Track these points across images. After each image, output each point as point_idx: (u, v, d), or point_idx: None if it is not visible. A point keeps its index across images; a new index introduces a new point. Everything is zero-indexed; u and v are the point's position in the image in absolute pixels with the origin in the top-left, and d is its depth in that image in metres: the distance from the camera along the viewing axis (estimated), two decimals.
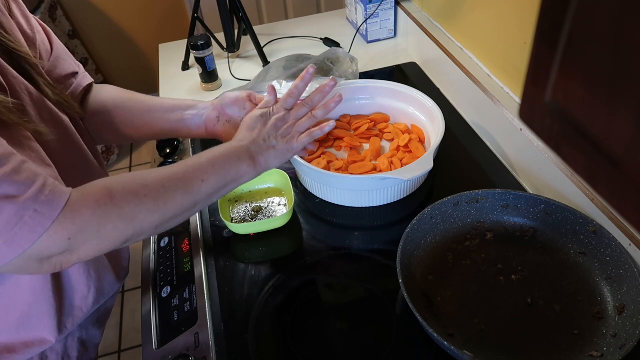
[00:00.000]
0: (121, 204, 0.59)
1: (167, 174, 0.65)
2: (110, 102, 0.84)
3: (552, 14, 0.31)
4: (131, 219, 0.60)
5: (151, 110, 0.85)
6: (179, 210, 0.65)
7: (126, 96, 0.86)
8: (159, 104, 0.86)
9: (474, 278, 0.77)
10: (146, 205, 0.61)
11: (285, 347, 0.73)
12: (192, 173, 0.67)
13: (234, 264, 0.85)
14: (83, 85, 0.80)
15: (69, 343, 0.80)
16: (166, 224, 0.65)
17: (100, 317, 0.87)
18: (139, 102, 0.85)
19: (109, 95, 0.85)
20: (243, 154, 0.73)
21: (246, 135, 0.76)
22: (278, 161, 0.77)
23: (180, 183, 0.65)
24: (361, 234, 0.90)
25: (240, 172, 0.72)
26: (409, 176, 0.82)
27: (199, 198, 0.67)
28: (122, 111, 0.84)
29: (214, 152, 0.71)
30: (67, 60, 0.78)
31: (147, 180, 0.63)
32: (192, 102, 0.86)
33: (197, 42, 1.23)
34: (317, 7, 2.38)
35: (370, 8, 1.36)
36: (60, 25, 2.28)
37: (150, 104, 0.86)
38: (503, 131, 1.00)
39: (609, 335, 0.67)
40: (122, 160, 2.59)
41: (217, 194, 0.70)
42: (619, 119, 0.28)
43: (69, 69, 0.78)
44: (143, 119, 0.85)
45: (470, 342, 0.69)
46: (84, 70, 0.82)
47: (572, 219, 0.78)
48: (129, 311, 1.91)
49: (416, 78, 1.26)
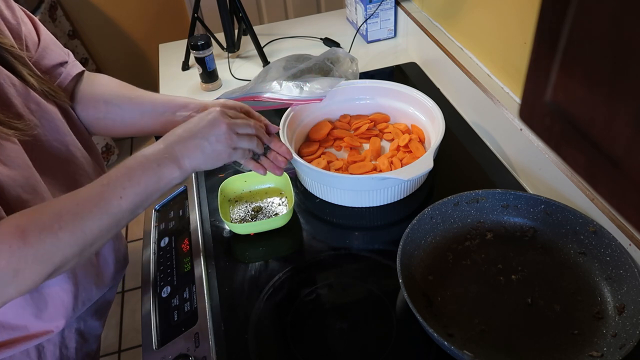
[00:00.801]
0: (36, 245, 0.55)
1: (82, 198, 0.61)
2: (101, 97, 0.83)
3: (552, 14, 0.31)
4: (49, 258, 0.56)
5: (142, 110, 0.83)
6: (101, 233, 0.61)
7: (119, 92, 0.85)
8: (151, 103, 0.84)
9: (474, 278, 0.77)
10: (63, 239, 0.57)
11: (285, 347, 0.73)
12: (109, 192, 0.62)
13: (234, 264, 0.85)
14: (73, 75, 0.80)
15: (67, 334, 0.80)
16: (91, 249, 0.62)
17: (99, 309, 0.86)
18: (130, 100, 0.84)
19: (101, 89, 0.84)
20: (163, 159, 0.66)
21: (176, 132, 0.69)
22: (207, 163, 0.70)
23: (96, 206, 0.60)
24: (361, 234, 0.90)
25: (163, 179, 0.65)
26: (409, 176, 0.82)
27: (121, 216, 0.63)
28: (113, 107, 0.83)
29: (132, 162, 0.65)
30: (55, 49, 0.78)
31: (61, 210, 0.59)
32: (184, 101, 0.83)
33: (197, 42, 1.23)
34: (317, 7, 2.37)
35: (370, 8, 1.36)
36: (60, 25, 2.28)
37: (142, 102, 0.84)
38: (503, 131, 1.00)
39: (609, 335, 0.67)
40: (122, 160, 2.59)
41: (140, 207, 0.65)
42: (619, 119, 0.28)
43: (58, 58, 0.78)
44: (133, 118, 0.83)
45: (470, 342, 0.69)
46: (74, 59, 0.82)
47: (572, 219, 0.78)
48: (129, 311, 1.91)
49: (416, 78, 1.26)
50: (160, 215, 0.97)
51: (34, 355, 0.75)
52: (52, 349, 0.77)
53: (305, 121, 1.05)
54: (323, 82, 1.05)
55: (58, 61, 0.78)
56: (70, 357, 0.81)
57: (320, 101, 1.03)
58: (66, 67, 0.79)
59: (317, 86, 1.04)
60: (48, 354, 0.77)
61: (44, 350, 0.76)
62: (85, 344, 0.84)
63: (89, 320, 0.84)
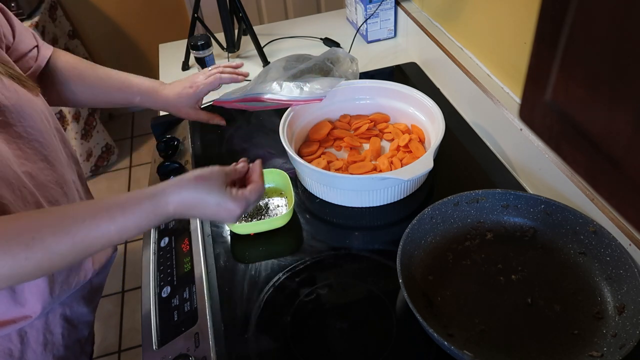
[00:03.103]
0: None
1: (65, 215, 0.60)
2: (65, 73, 0.89)
3: (552, 14, 0.31)
4: None
5: (106, 91, 0.92)
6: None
7: (82, 68, 0.91)
8: (114, 85, 0.92)
9: (474, 278, 0.77)
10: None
11: (285, 347, 0.73)
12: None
13: (234, 264, 0.85)
14: (47, 57, 0.84)
15: (51, 319, 0.79)
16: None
17: (86, 295, 0.86)
18: (94, 80, 0.91)
19: (66, 65, 0.89)
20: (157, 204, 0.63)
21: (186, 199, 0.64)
22: None
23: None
24: (361, 234, 0.90)
25: None
26: (409, 176, 0.82)
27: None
28: (76, 85, 0.90)
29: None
30: (27, 34, 0.82)
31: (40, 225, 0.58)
32: (148, 89, 0.94)
33: (197, 42, 1.23)
34: (317, 7, 2.37)
35: (370, 8, 1.36)
36: (60, 25, 2.28)
37: (103, 82, 0.92)
38: (503, 131, 1.00)
39: (609, 335, 0.67)
40: (122, 160, 2.58)
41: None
42: (619, 119, 0.28)
43: (31, 43, 0.82)
44: (97, 98, 0.93)
45: (470, 342, 0.69)
46: (42, 41, 0.86)
47: (572, 219, 0.78)
48: (129, 311, 1.91)
49: (416, 78, 1.26)
50: None
51: (16, 340, 0.75)
52: (35, 334, 0.77)
53: (305, 121, 1.05)
54: (323, 82, 1.05)
55: (31, 46, 0.82)
56: (57, 343, 0.81)
57: (320, 101, 1.03)
58: (40, 50, 0.84)
59: (317, 86, 1.04)
60: (31, 339, 0.77)
61: (27, 336, 0.76)
62: (74, 330, 0.84)
63: (75, 306, 0.83)
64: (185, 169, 1.03)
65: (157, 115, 1.21)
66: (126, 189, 2.42)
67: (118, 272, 2.00)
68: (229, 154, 1.09)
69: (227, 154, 1.09)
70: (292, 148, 0.93)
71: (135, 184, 2.45)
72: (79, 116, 2.26)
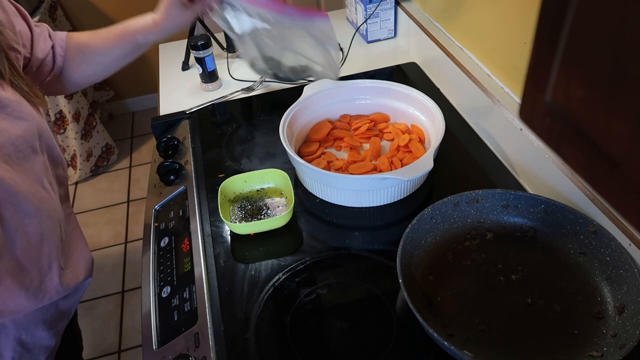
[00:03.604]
0: None
1: None
2: (77, 57, 0.89)
3: (552, 14, 0.31)
4: None
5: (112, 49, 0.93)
6: None
7: (85, 42, 0.91)
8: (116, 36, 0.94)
9: (474, 278, 0.77)
10: None
11: (285, 347, 0.73)
12: None
13: (234, 264, 0.85)
14: (63, 56, 0.85)
15: (3, 341, 0.75)
16: None
17: (49, 319, 0.80)
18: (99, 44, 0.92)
19: (74, 49, 0.89)
20: None
21: None
22: None
23: None
24: (361, 234, 0.90)
25: None
26: (409, 176, 0.82)
27: None
28: (88, 63, 0.91)
29: None
30: (43, 36, 0.82)
31: None
32: (144, 26, 0.96)
33: (197, 42, 1.23)
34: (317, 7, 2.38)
35: (370, 8, 1.36)
36: (60, 25, 2.28)
37: (106, 42, 0.92)
38: (503, 131, 1.00)
39: (609, 335, 0.67)
40: (122, 160, 2.58)
41: None
42: (619, 119, 0.28)
43: (47, 45, 0.83)
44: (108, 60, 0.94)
45: (470, 342, 0.69)
46: (54, 33, 0.86)
47: (572, 219, 0.78)
48: (129, 311, 1.91)
49: (416, 78, 1.26)
50: (160, 215, 0.97)
51: None
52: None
53: (305, 121, 1.05)
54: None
55: (48, 48, 0.82)
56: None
57: (325, 17, 0.92)
58: (56, 50, 0.84)
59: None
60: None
61: None
62: (27, 355, 0.79)
63: (33, 329, 0.78)
64: (185, 168, 1.03)
65: (157, 115, 1.21)
66: (126, 189, 2.42)
67: (118, 272, 2.01)
68: (229, 154, 1.09)
69: (227, 153, 1.09)
70: (292, 148, 0.93)
71: (135, 184, 2.45)
72: (79, 116, 2.26)
